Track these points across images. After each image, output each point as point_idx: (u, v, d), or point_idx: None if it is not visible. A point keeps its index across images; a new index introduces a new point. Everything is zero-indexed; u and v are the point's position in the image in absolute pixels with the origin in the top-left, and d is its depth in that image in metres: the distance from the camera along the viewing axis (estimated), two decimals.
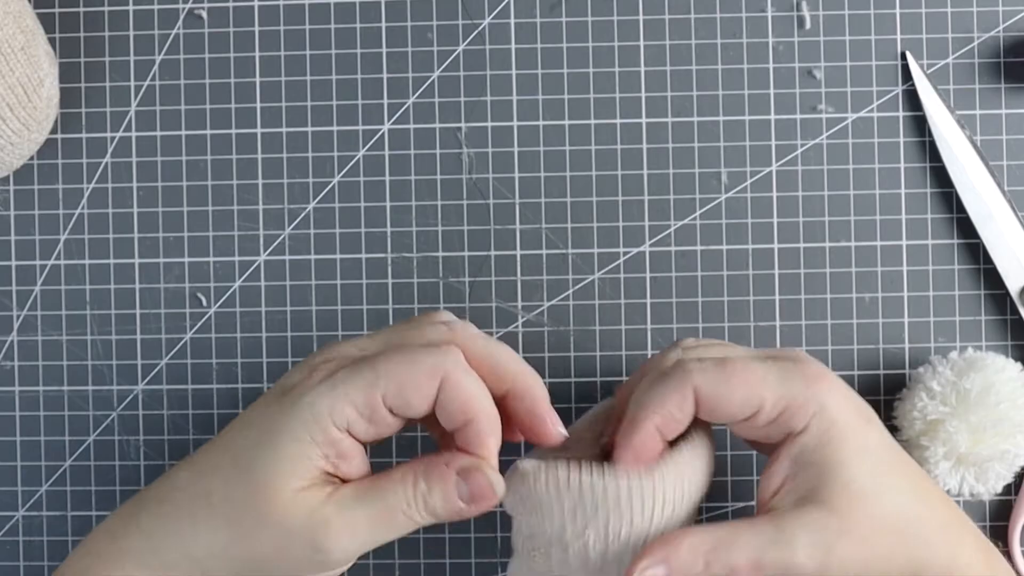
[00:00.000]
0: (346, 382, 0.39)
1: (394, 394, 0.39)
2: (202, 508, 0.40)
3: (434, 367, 0.39)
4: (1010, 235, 0.50)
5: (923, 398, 0.47)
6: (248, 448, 0.40)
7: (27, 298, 0.52)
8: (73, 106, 0.52)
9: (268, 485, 0.39)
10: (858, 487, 0.40)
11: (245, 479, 0.40)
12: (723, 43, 0.51)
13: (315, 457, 0.39)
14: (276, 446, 0.39)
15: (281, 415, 0.40)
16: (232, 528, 0.40)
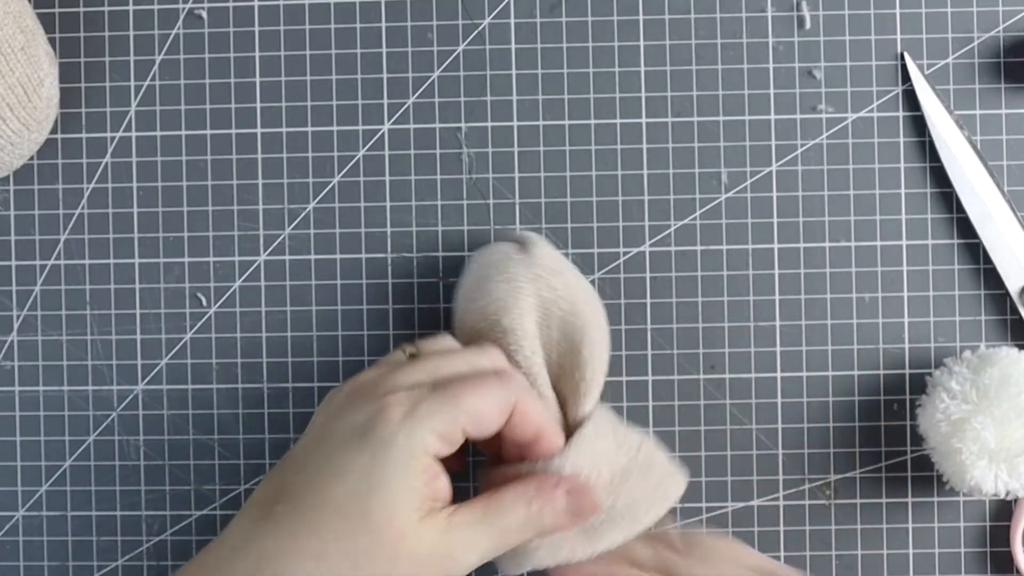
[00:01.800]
0: (432, 416, 0.41)
1: (474, 423, 0.42)
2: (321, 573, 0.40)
3: (507, 397, 0.43)
4: (1010, 235, 0.50)
5: (944, 399, 0.47)
6: (354, 498, 0.40)
7: (27, 298, 0.52)
8: (73, 106, 0.52)
9: (392, 523, 0.40)
10: None
11: (364, 527, 0.40)
12: (723, 43, 0.51)
13: (420, 486, 0.41)
14: (387, 486, 0.40)
15: (380, 457, 0.40)
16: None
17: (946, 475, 0.48)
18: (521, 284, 0.46)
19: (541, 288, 0.46)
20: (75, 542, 0.52)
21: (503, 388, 0.42)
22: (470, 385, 0.42)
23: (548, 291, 0.46)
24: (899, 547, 0.51)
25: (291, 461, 0.42)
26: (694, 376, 0.51)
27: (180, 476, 0.52)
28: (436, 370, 0.43)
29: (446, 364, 0.44)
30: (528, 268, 0.46)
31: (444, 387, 0.42)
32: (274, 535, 0.40)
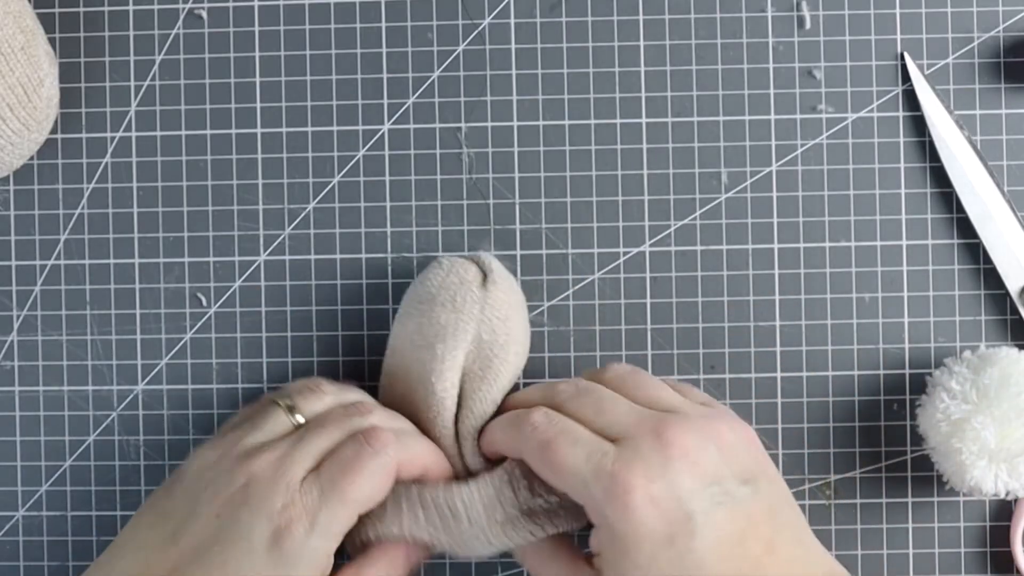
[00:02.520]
0: (331, 523, 0.42)
1: (365, 505, 0.43)
2: None
3: (387, 467, 0.43)
4: (1010, 235, 0.50)
5: (944, 399, 0.47)
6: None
7: (27, 298, 0.52)
8: (73, 106, 0.52)
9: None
10: None
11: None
12: (723, 43, 0.51)
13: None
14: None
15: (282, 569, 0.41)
16: None
17: (946, 475, 0.48)
18: (466, 321, 0.46)
19: (483, 330, 0.47)
20: (75, 542, 0.52)
21: (381, 459, 0.43)
22: (353, 474, 0.43)
23: (488, 334, 0.47)
24: (899, 547, 0.51)
25: (181, 533, 0.43)
26: (694, 376, 0.51)
27: None
28: (318, 448, 0.44)
29: (326, 437, 0.44)
30: (481, 308, 0.47)
31: (332, 486, 0.42)
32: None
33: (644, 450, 0.41)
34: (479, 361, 0.47)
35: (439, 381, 0.46)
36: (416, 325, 0.47)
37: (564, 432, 0.43)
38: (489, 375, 0.47)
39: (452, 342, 0.46)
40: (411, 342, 0.47)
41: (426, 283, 0.48)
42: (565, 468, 0.42)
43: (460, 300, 0.46)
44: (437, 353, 0.46)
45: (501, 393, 0.47)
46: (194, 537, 0.42)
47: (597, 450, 0.42)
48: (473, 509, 0.44)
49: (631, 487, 0.41)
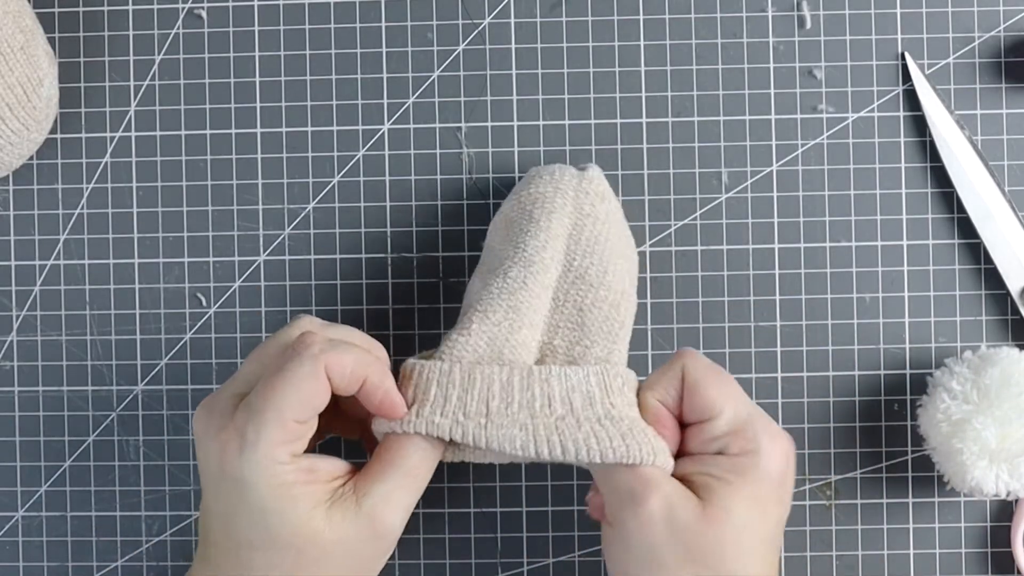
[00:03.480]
0: (261, 435, 0.41)
1: (299, 412, 0.41)
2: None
3: (314, 370, 0.41)
4: (1010, 235, 0.50)
5: (945, 399, 0.47)
6: (258, 531, 0.41)
7: (26, 298, 0.52)
8: (72, 106, 0.52)
9: (301, 532, 0.41)
10: (731, 522, 0.41)
11: (280, 549, 0.41)
12: (723, 43, 0.51)
13: (300, 491, 0.41)
14: (273, 510, 0.41)
15: (248, 495, 0.41)
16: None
17: (947, 475, 0.48)
18: (564, 191, 0.46)
19: (583, 202, 0.46)
20: (75, 542, 0.52)
21: (305, 365, 0.41)
22: (275, 382, 0.41)
23: (588, 206, 0.46)
24: (900, 547, 0.51)
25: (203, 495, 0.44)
26: None
27: (180, 476, 0.52)
28: (248, 371, 0.43)
29: (257, 361, 0.43)
30: (578, 181, 0.46)
31: (256, 400, 0.41)
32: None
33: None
34: (586, 235, 0.46)
35: (532, 239, 0.45)
36: (513, 203, 0.47)
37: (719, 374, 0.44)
38: (600, 249, 0.46)
39: (549, 206, 0.46)
40: (509, 217, 0.47)
41: (528, 176, 0.47)
42: (735, 390, 0.44)
43: (559, 175, 0.46)
44: (534, 216, 0.46)
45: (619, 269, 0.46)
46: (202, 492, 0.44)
47: None
48: (528, 390, 0.43)
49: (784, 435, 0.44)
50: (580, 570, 0.51)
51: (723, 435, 0.43)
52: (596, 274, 0.45)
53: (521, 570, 0.51)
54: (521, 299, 0.44)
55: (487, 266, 0.46)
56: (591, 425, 0.42)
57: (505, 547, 0.51)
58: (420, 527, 0.51)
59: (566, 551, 0.51)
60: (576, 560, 0.51)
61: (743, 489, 0.42)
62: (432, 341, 0.51)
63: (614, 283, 0.46)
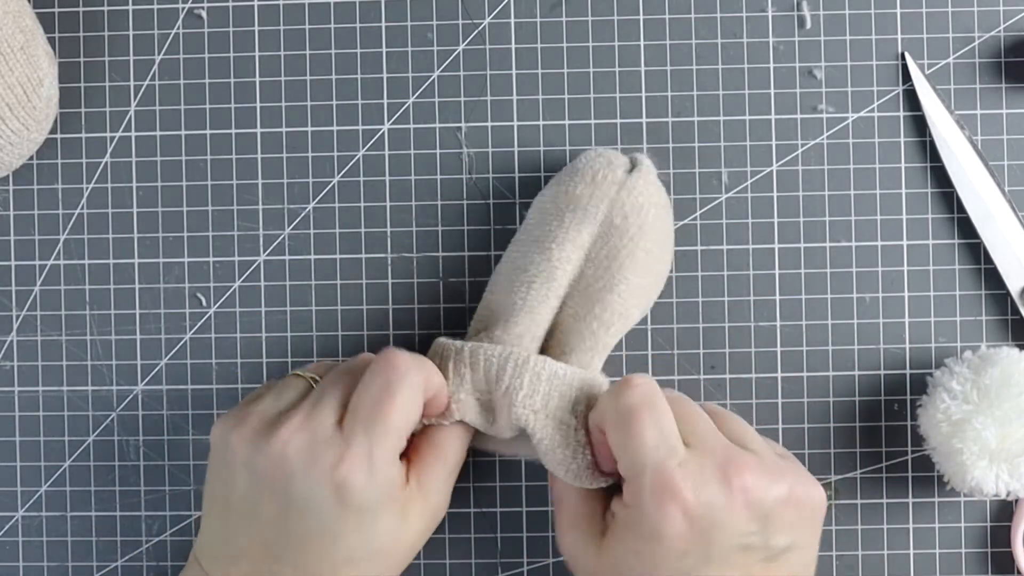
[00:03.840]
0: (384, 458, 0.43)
1: (411, 427, 0.44)
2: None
3: (416, 385, 0.43)
4: (1011, 235, 0.50)
5: (945, 399, 0.47)
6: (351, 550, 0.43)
7: (26, 298, 0.52)
8: (72, 106, 0.52)
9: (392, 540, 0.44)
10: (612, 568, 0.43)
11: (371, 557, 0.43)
12: (723, 43, 0.51)
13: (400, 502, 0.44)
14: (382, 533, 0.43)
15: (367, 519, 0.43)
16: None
17: (947, 475, 0.48)
18: (600, 197, 0.46)
19: (615, 214, 0.46)
20: (74, 543, 0.52)
21: (410, 379, 0.43)
22: (389, 401, 0.42)
23: (620, 218, 0.46)
24: (900, 548, 0.51)
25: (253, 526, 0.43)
26: (694, 376, 0.51)
27: (180, 477, 0.52)
28: (339, 393, 0.44)
29: (342, 382, 0.44)
30: (618, 188, 0.46)
31: (373, 421, 0.42)
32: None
33: (709, 469, 0.42)
34: (606, 249, 0.46)
35: (558, 248, 0.46)
36: (552, 194, 0.47)
37: (655, 408, 0.43)
38: (613, 266, 0.46)
39: (581, 213, 0.46)
40: (542, 209, 0.47)
41: (575, 161, 0.48)
42: (635, 441, 0.42)
43: (600, 177, 0.46)
44: (564, 221, 0.46)
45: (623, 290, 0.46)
46: (265, 526, 0.43)
47: (671, 445, 0.42)
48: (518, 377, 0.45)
49: (678, 494, 0.41)
50: None
51: (624, 478, 0.43)
52: (599, 290, 0.46)
53: (521, 570, 0.51)
54: (542, 313, 0.46)
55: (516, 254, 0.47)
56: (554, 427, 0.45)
57: (505, 547, 0.51)
58: None
59: None
60: None
61: (626, 539, 0.43)
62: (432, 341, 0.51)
63: (615, 302, 0.46)
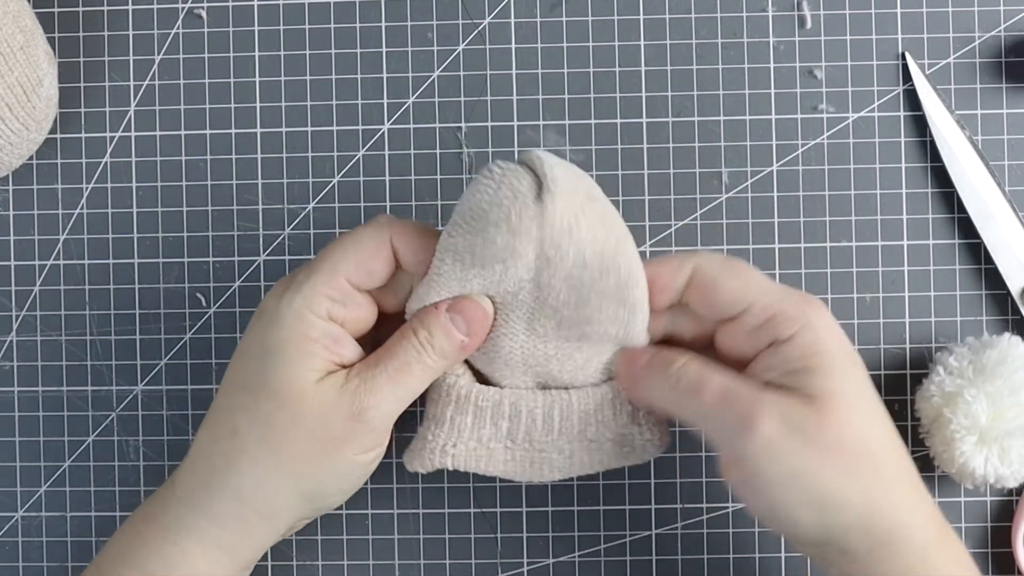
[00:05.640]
0: (308, 280, 0.43)
1: (354, 271, 0.43)
2: (235, 447, 0.43)
3: (377, 233, 0.43)
4: (1011, 235, 0.50)
5: (940, 373, 0.48)
6: (255, 373, 0.43)
7: (26, 298, 0.52)
8: (72, 106, 0.52)
9: (290, 386, 0.42)
10: (839, 400, 0.41)
11: (265, 395, 0.42)
12: (724, 43, 0.51)
13: (316, 350, 0.43)
14: (280, 354, 0.42)
15: (269, 330, 0.43)
16: (269, 445, 0.43)
17: (935, 453, 0.48)
18: (524, 244, 0.41)
19: (547, 247, 0.41)
20: (74, 543, 0.52)
21: (371, 228, 0.43)
22: (338, 241, 0.44)
23: (553, 249, 0.41)
24: None
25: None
26: None
27: None
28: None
29: None
30: (539, 225, 0.41)
31: (319, 254, 0.44)
32: (204, 432, 0.44)
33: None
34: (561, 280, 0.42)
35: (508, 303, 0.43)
36: (467, 243, 0.42)
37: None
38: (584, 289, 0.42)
39: (512, 262, 0.42)
40: (462, 261, 0.42)
41: (476, 196, 0.42)
42: (748, 272, 0.43)
43: (515, 219, 0.41)
44: (496, 272, 0.42)
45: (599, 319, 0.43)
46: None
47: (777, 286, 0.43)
48: (568, 420, 0.45)
49: (820, 305, 0.42)
50: (580, 570, 0.51)
51: (761, 324, 0.42)
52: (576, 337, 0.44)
53: (521, 570, 0.51)
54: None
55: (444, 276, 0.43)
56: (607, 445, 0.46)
57: (505, 547, 0.51)
58: (420, 527, 0.51)
59: (566, 551, 0.51)
60: (576, 560, 0.51)
61: (826, 367, 0.41)
62: None
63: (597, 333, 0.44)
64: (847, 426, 0.40)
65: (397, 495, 0.51)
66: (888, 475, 0.41)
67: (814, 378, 0.41)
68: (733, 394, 0.41)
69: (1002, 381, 0.46)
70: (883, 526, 0.41)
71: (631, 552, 0.51)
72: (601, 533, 0.51)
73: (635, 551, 0.51)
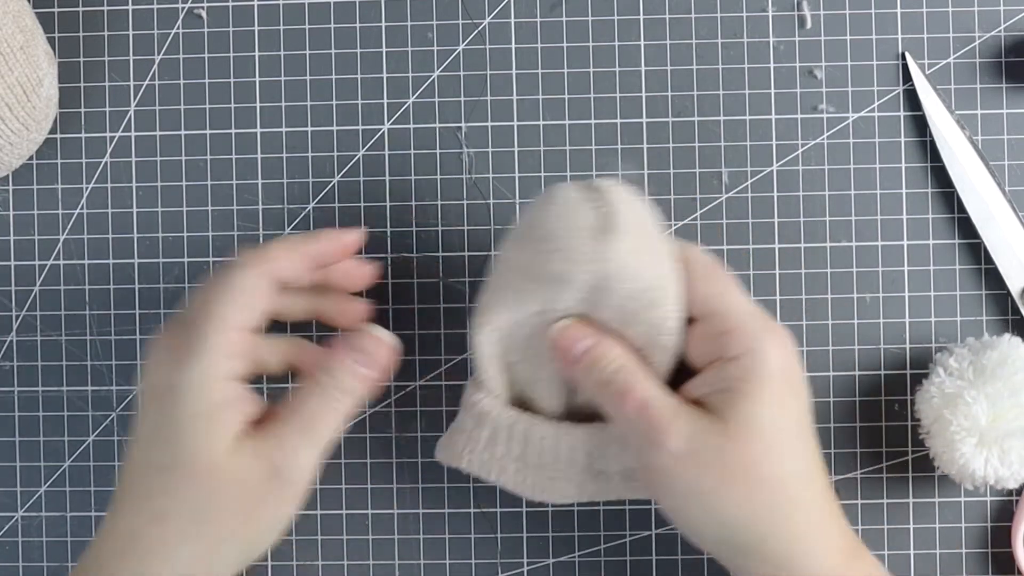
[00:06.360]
0: (203, 344, 0.42)
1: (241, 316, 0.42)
2: (167, 532, 0.42)
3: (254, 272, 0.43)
4: (1011, 235, 0.50)
5: (940, 374, 0.47)
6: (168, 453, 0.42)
7: (26, 298, 0.52)
8: (72, 106, 0.52)
9: (208, 463, 0.41)
10: (754, 428, 0.41)
11: (186, 475, 0.41)
12: (724, 42, 0.51)
13: (226, 418, 0.42)
14: (190, 431, 0.42)
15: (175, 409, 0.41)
16: (203, 523, 0.42)
17: (936, 455, 0.48)
18: (576, 274, 0.42)
19: (600, 279, 0.43)
20: (74, 543, 0.52)
21: (240, 265, 0.43)
22: (216, 289, 0.42)
23: (607, 282, 0.43)
24: (900, 548, 0.51)
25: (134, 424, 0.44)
26: None
27: None
28: None
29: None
30: (591, 260, 0.42)
31: (196, 306, 0.42)
32: (115, 510, 0.43)
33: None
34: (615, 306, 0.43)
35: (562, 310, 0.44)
36: (526, 260, 0.43)
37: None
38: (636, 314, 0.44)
39: (567, 286, 0.43)
40: (522, 275, 0.44)
41: (540, 217, 0.43)
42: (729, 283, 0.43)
43: (572, 250, 0.42)
44: (551, 290, 0.43)
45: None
46: None
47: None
48: (575, 452, 0.45)
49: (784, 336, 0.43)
50: (580, 570, 0.51)
51: (716, 336, 0.42)
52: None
53: (521, 570, 0.51)
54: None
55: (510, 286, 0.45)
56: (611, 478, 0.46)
57: (505, 547, 0.51)
58: (420, 527, 0.51)
59: (566, 551, 0.51)
60: (576, 560, 0.51)
61: (754, 393, 0.41)
62: (432, 341, 0.51)
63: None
64: (753, 455, 0.41)
65: (397, 495, 0.51)
66: (792, 504, 0.42)
67: (737, 402, 0.41)
68: (652, 406, 0.42)
69: (1002, 383, 0.46)
70: (780, 552, 0.42)
71: (631, 552, 0.51)
72: (601, 533, 0.51)
73: (635, 551, 0.51)
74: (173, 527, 0.42)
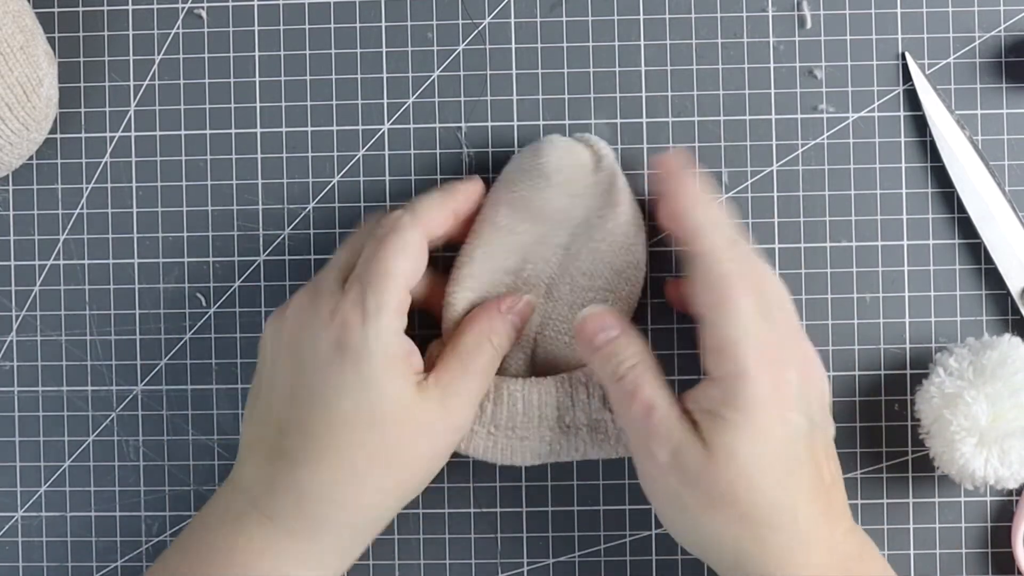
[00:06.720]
0: (382, 305, 0.43)
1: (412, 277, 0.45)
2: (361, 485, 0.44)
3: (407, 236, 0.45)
4: (1011, 235, 0.50)
5: (940, 374, 0.47)
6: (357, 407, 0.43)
7: (26, 298, 0.52)
8: (72, 106, 0.52)
9: (398, 413, 0.43)
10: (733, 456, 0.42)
11: (377, 428, 0.43)
12: (724, 43, 0.51)
13: (405, 369, 0.44)
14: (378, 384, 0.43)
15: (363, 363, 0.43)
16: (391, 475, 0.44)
17: (936, 456, 0.48)
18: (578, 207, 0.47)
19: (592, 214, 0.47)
20: (74, 543, 0.52)
21: (401, 232, 0.45)
22: (381, 254, 0.44)
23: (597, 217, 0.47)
24: (900, 548, 0.51)
25: (270, 399, 0.45)
26: (696, 377, 0.51)
27: (180, 477, 0.52)
28: (342, 259, 0.46)
29: (348, 249, 0.47)
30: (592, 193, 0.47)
31: (367, 271, 0.44)
32: (296, 465, 0.44)
33: None
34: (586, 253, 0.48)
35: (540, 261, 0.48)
36: (526, 200, 0.47)
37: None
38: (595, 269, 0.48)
39: (561, 222, 0.48)
40: (519, 214, 0.47)
41: (539, 157, 0.47)
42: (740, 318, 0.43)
43: (576, 184, 0.47)
44: (543, 228, 0.48)
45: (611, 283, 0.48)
46: (272, 383, 0.45)
47: None
48: (547, 404, 0.47)
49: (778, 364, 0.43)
50: (580, 570, 0.51)
51: (713, 349, 0.43)
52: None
53: (521, 570, 0.51)
54: None
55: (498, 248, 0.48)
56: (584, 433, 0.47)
57: (505, 547, 0.51)
58: (420, 527, 0.51)
59: (566, 551, 0.51)
60: (576, 560, 0.51)
61: (736, 422, 0.41)
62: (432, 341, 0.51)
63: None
64: (730, 482, 0.42)
65: None
66: (769, 529, 0.42)
67: (719, 428, 0.42)
68: (655, 414, 0.43)
69: (1002, 383, 0.46)
70: (755, 574, 0.42)
71: (631, 552, 0.51)
72: (601, 533, 0.51)
73: (635, 551, 0.51)
74: (369, 480, 0.43)
